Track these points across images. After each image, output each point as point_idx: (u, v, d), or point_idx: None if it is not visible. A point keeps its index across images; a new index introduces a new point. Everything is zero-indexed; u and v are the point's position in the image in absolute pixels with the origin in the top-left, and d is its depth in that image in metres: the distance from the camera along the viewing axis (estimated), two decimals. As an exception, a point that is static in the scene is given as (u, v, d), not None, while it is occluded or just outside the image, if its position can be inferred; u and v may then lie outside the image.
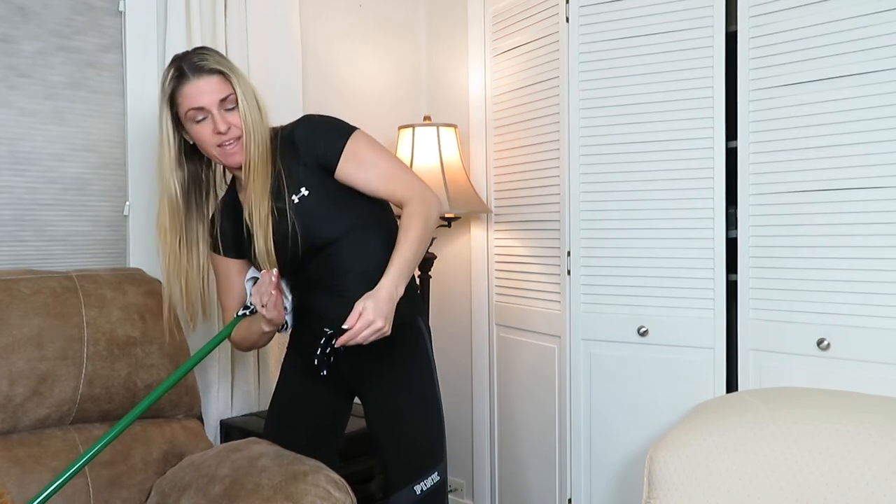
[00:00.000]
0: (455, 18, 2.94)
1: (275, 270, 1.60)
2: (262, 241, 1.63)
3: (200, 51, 1.65)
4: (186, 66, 1.60)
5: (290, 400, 1.85)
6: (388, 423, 1.70)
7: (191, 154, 1.72)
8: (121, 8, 2.24)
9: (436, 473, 1.70)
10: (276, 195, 1.63)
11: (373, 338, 1.53)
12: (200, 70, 1.59)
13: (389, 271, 1.58)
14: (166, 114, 1.63)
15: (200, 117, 1.60)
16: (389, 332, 1.55)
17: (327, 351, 1.72)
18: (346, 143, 1.63)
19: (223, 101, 1.60)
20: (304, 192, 1.63)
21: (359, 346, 1.67)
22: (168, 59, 2.23)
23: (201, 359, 1.69)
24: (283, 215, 1.63)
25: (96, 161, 2.22)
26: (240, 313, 1.75)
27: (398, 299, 1.57)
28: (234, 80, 1.61)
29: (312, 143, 1.63)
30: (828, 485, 1.54)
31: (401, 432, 1.69)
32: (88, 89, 2.20)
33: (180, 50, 2.23)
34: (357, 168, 1.63)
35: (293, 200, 1.63)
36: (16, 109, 2.07)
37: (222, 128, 1.59)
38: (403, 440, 1.68)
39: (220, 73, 1.61)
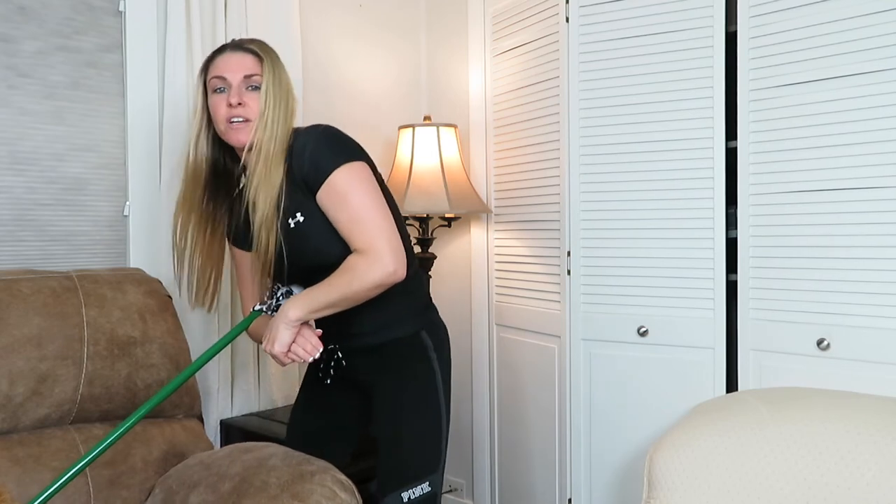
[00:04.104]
0: (455, 18, 2.94)
1: (319, 352, 1.60)
2: (264, 244, 1.58)
3: (252, 38, 1.69)
4: (231, 42, 1.67)
5: (310, 399, 1.86)
6: (384, 428, 1.69)
7: (216, 141, 1.70)
8: (121, 8, 2.24)
9: (427, 484, 1.65)
10: (277, 209, 1.58)
11: (284, 358, 1.59)
12: (238, 47, 1.64)
13: (297, 297, 1.58)
14: (200, 84, 1.67)
15: (220, 86, 1.61)
16: (278, 353, 1.57)
17: (331, 364, 1.76)
18: (332, 171, 1.54)
19: (247, 77, 1.60)
20: (299, 217, 1.58)
21: (360, 358, 1.70)
22: (168, 59, 2.26)
23: (216, 353, 1.68)
24: (278, 233, 1.59)
25: (96, 161, 2.22)
26: (256, 308, 1.73)
27: (299, 323, 1.57)
28: (267, 67, 1.60)
29: (302, 160, 1.55)
30: (828, 485, 1.54)
31: (394, 438, 1.67)
32: (88, 89, 2.20)
33: (180, 50, 2.26)
34: (332, 201, 1.55)
35: (289, 224, 1.58)
36: (16, 109, 2.07)
37: (233, 100, 1.57)
38: (396, 446, 1.67)
39: (257, 55, 1.62)
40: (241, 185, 1.76)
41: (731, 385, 2.08)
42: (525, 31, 2.54)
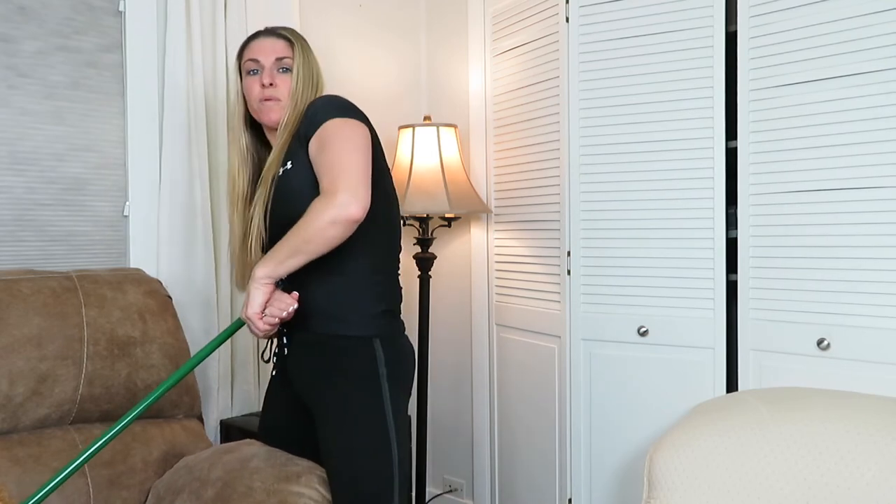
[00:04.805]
0: (455, 18, 2.94)
1: (294, 307, 1.53)
2: (260, 206, 1.61)
3: (285, 26, 1.78)
4: (264, 29, 1.76)
5: (275, 400, 1.81)
6: (327, 451, 1.56)
7: (253, 128, 1.77)
8: (121, 8, 2.24)
9: None
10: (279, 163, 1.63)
11: (260, 322, 1.53)
12: (271, 32, 1.74)
13: (263, 256, 1.55)
14: (236, 70, 1.75)
15: (253, 69, 1.69)
16: (251, 316, 1.52)
17: (274, 346, 1.70)
18: (327, 120, 1.55)
19: (279, 60, 1.68)
20: (288, 165, 1.60)
21: (302, 351, 1.62)
22: (168, 59, 2.26)
23: (215, 348, 1.66)
24: (268, 197, 1.61)
25: (96, 161, 2.22)
26: None
27: (268, 281, 1.51)
28: (297, 50, 1.70)
29: (307, 115, 1.60)
30: (828, 485, 1.54)
31: (338, 464, 1.54)
32: (88, 89, 2.20)
33: (180, 50, 2.27)
34: (318, 147, 1.55)
35: (279, 172, 1.61)
36: (16, 109, 2.07)
37: (266, 81, 1.65)
38: (341, 473, 1.54)
39: (288, 40, 1.72)
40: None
41: (731, 385, 2.08)
42: (525, 31, 2.54)
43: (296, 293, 1.55)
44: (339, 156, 1.51)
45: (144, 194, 2.27)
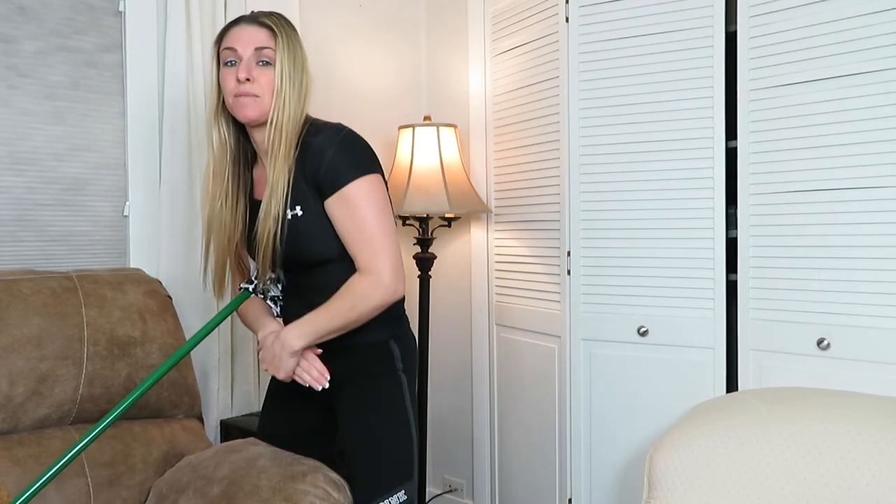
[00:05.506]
0: (455, 18, 2.94)
1: (327, 380, 1.60)
2: (269, 228, 1.55)
3: (271, 11, 1.62)
4: (248, 14, 1.61)
5: (277, 400, 1.82)
6: (353, 438, 1.65)
7: (232, 119, 1.64)
8: (121, 8, 2.24)
9: (402, 492, 1.61)
10: (284, 196, 1.56)
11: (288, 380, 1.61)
12: (254, 20, 1.58)
13: (298, 323, 1.57)
14: (213, 57, 1.62)
15: (230, 59, 1.55)
16: (284, 376, 1.60)
17: None
18: (350, 182, 1.52)
19: (258, 50, 1.53)
20: (297, 210, 1.55)
21: (326, 359, 1.64)
22: (168, 59, 2.26)
23: (208, 333, 1.66)
24: (282, 220, 1.56)
25: (96, 161, 2.22)
26: (242, 287, 1.71)
27: (296, 350, 1.57)
28: (281, 43, 1.54)
29: (320, 162, 1.53)
30: (828, 485, 1.54)
31: (364, 448, 1.63)
32: (88, 89, 2.20)
33: (180, 50, 2.27)
34: (342, 211, 1.54)
35: (286, 215, 1.55)
36: (16, 109, 2.07)
37: (241, 75, 1.52)
38: (367, 456, 1.62)
39: (271, 30, 1.56)
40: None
41: (731, 385, 2.08)
42: (525, 31, 2.54)
43: (319, 350, 1.63)
44: (372, 228, 1.53)
45: (144, 194, 2.27)
